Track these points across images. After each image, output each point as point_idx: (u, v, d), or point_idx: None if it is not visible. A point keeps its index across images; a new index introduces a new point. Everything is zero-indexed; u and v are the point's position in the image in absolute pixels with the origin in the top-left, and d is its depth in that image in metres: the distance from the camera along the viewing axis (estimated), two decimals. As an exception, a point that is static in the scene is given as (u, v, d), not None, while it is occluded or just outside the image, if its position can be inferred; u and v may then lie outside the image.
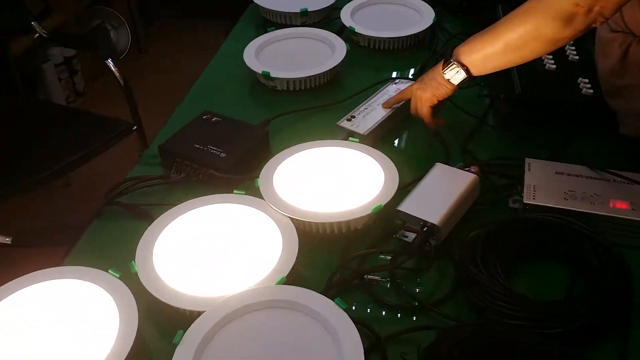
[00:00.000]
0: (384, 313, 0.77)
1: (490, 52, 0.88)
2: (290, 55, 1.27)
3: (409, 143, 1.07)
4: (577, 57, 1.12)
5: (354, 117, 1.05)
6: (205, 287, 0.75)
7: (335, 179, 0.92)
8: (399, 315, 0.77)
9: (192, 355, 0.65)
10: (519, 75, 1.06)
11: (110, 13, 2.89)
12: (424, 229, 0.81)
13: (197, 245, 0.81)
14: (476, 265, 0.75)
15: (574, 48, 1.14)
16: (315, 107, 1.14)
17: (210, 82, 1.28)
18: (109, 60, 1.65)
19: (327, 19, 1.43)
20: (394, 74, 1.22)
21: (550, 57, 1.11)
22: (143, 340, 0.71)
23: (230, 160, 0.95)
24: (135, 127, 1.70)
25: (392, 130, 1.08)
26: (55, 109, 1.93)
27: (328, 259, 0.83)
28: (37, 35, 1.78)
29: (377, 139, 1.04)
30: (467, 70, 0.92)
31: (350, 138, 0.99)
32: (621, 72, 0.95)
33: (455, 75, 0.92)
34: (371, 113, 1.06)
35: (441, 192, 0.85)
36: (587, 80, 1.05)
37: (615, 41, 0.95)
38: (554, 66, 1.09)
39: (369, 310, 0.77)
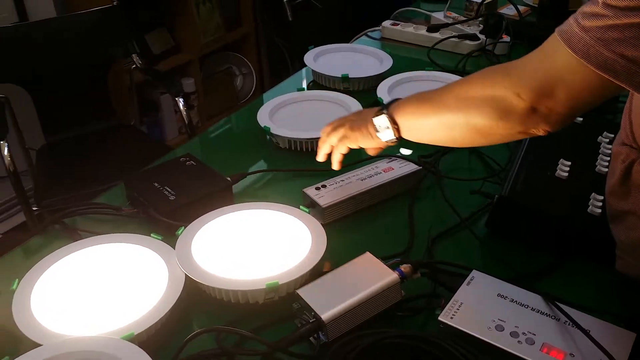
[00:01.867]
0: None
1: (422, 122, 0.77)
2: (308, 116, 1.24)
3: (378, 226, 0.96)
4: (606, 170, 0.94)
5: (324, 186, 0.98)
6: (66, 323, 0.72)
7: (262, 246, 0.86)
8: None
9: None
10: (516, 175, 0.91)
11: (240, 60, 3.09)
12: (312, 321, 0.72)
13: (86, 281, 0.80)
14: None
15: (609, 159, 0.96)
16: (302, 170, 1.09)
17: (230, 127, 1.30)
18: (179, 99, 1.75)
19: (370, 89, 1.38)
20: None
21: (569, 162, 0.94)
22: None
23: (175, 204, 0.93)
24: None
25: (365, 208, 0.98)
26: (132, 133, 2.08)
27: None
28: (134, 66, 1.95)
29: (339, 215, 0.95)
30: (397, 130, 0.81)
31: (301, 207, 0.92)
32: (622, 194, 0.77)
33: (384, 129, 0.82)
34: (343, 187, 0.97)
35: (350, 284, 0.74)
36: (601, 198, 0.87)
37: (619, 156, 0.77)
38: (566, 174, 0.92)
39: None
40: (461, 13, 1.83)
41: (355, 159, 1.08)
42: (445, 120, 0.73)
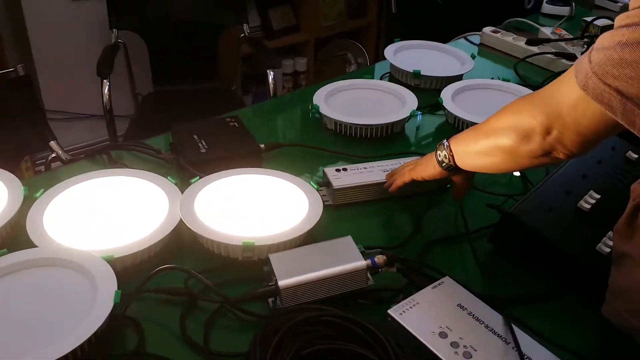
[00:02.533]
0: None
1: (468, 149, 0.79)
2: (363, 103, 1.25)
3: (385, 220, 0.96)
4: (641, 212, 0.86)
5: (345, 169, 0.99)
6: (66, 235, 0.82)
7: (259, 210, 0.90)
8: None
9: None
10: (535, 195, 0.87)
11: (357, 49, 3.13)
12: (270, 284, 0.75)
13: (98, 204, 0.89)
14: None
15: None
16: (337, 153, 1.11)
17: (295, 100, 1.36)
18: (270, 71, 1.84)
19: (441, 90, 1.35)
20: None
21: (598, 196, 0.88)
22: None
23: (203, 156, 1.00)
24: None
25: (379, 200, 0.98)
26: (230, 97, 2.20)
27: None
28: (242, 35, 2.07)
29: (350, 199, 0.97)
30: (452, 157, 0.82)
31: (311, 183, 0.94)
32: (626, 235, 0.71)
33: (443, 157, 0.84)
34: (363, 174, 0.98)
35: (317, 260, 0.76)
36: (617, 238, 0.80)
37: (633, 194, 0.72)
38: (590, 206, 0.86)
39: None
40: (575, 33, 1.73)
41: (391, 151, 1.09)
42: (483, 146, 0.75)
